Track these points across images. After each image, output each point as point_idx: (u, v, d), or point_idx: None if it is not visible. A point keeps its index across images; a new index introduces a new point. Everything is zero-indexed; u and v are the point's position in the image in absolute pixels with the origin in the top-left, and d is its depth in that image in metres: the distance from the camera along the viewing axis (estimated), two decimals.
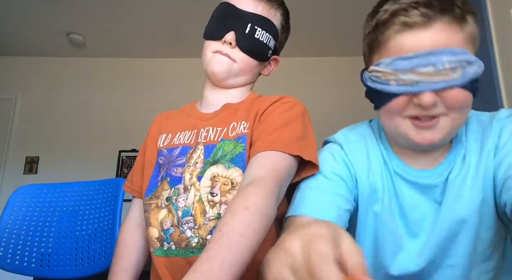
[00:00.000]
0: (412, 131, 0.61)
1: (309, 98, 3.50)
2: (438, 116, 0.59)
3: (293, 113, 0.75)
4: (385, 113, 0.63)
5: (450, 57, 0.55)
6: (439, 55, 0.55)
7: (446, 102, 0.57)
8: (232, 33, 0.79)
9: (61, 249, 1.08)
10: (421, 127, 0.60)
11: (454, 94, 0.57)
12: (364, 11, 0.69)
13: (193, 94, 4.06)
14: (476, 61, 0.57)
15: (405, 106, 0.59)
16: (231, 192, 0.70)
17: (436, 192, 0.65)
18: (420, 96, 0.56)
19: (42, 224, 1.13)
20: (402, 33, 0.58)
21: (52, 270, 1.06)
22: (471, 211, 0.63)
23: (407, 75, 0.57)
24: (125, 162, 3.41)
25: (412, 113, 0.59)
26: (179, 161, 0.77)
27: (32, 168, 3.36)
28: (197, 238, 0.69)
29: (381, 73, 0.60)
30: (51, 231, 1.12)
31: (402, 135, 0.63)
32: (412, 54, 0.56)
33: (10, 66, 3.60)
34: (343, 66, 3.55)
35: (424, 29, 0.57)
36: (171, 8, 2.94)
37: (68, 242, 1.09)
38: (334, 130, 0.79)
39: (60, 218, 1.14)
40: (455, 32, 0.57)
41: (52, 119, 3.49)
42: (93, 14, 3.00)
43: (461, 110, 0.60)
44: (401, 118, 0.61)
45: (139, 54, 3.63)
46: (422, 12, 0.56)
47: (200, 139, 0.77)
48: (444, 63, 0.55)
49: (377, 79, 0.61)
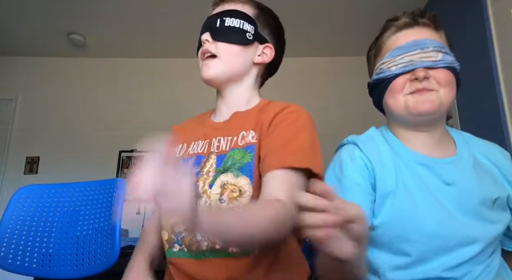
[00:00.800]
0: (412, 102, 0.76)
1: (309, 98, 3.51)
2: (431, 90, 0.75)
3: (300, 124, 0.76)
4: (390, 94, 0.79)
5: (433, 43, 0.75)
6: (424, 42, 0.76)
7: (436, 79, 0.75)
8: (207, 33, 0.84)
9: (62, 250, 1.09)
10: (420, 96, 0.75)
11: (442, 72, 0.75)
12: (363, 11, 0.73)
13: (193, 94, 4.06)
14: (453, 56, 0.76)
15: (405, 84, 0.76)
16: (238, 199, 0.73)
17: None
18: (415, 72, 0.74)
19: (43, 225, 1.13)
20: (395, 33, 0.80)
21: (53, 270, 1.06)
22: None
23: (403, 58, 0.76)
24: (125, 162, 3.41)
25: (410, 89, 0.76)
26: (194, 170, 0.79)
27: (32, 168, 3.36)
28: (207, 242, 0.72)
29: (384, 64, 0.79)
30: (52, 231, 1.12)
31: (404, 108, 0.77)
32: (404, 43, 0.77)
33: (11, 66, 3.60)
34: (343, 66, 3.55)
35: (411, 28, 0.79)
36: (171, 8, 2.94)
37: (68, 242, 1.09)
38: (335, 130, 0.80)
39: (61, 218, 1.14)
40: (434, 32, 0.79)
41: (52, 119, 3.49)
42: (94, 14, 3.00)
43: (447, 86, 0.76)
44: (403, 96, 0.77)
45: (139, 54, 3.63)
46: (407, 16, 0.79)
47: (212, 148, 0.80)
48: (429, 46, 0.75)
49: (381, 71, 0.79)
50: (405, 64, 0.75)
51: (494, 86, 2.00)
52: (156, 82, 3.63)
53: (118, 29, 3.22)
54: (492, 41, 2.05)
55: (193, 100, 3.41)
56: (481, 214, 0.73)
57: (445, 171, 0.76)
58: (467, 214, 0.72)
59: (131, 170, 0.98)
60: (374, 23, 1.06)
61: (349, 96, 3.38)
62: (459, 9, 2.37)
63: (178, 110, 3.36)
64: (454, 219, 0.71)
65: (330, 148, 1.03)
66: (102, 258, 1.02)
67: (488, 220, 0.73)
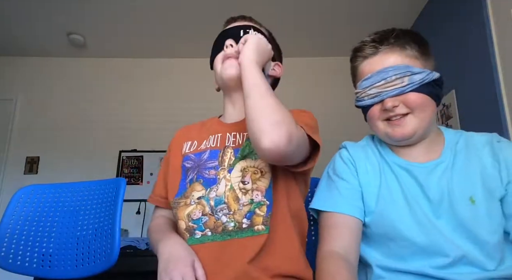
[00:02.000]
0: (389, 129, 0.80)
1: (310, 98, 3.51)
2: (405, 115, 0.78)
3: (312, 121, 0.86)
4: (369, 121, 0.85)
5: (396, 71, 0.77)
6: (386, 72, 0.78)
7: (406, 104, 0.78)
8: (230, 39, 0.92)
9: (62, 250, 1.08)
10: (393, 125, 0.79)
11: (410, 96, 0.77)
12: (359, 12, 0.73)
13: (193, 94, 4.07)
14: (422, 71, 0.77)
15: (379, 113, 0.81)
16: (261, 179, 0.79)
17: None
18: (384, 102, 0.79)
19: (43, 225, 1.13)
20: (362, 63, 0.84)
21: (53, 270, 1.06)
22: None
23: (371, 90, 0.80)
24: (125, 162, 3.41)
25: (384, 116, 0.80)
26: (211, 164, 0.85)
27: (32, 168, 3.36)
28: (233, 222, 0.77)
29: (358, 93, 0.84)
30: (52, 231, 1.12)
31: (384, 134, 0.82)
32: (369, 75, 0.80)
33: (11, 66, 3.60)
34: (342, 67, 3.54)
35: (374, 56, 0.81)
36: (171, 8, 2.94)
37: (69, 242, 1.09)
38: (335, 130, 0.82)
39: (61, 218, 1.14)
40: (398, 54, 0.80)
41: (52, 119, 3.49)
42: (93, 14, 3.00)
43: (421, 108, 0.78)
44: (380, 122, 0.82)
45: (139, 54, 3.63)
46: (371, 46, 0.82)
47: (228, 143, 0.86)
48: (391, 76, 0.77)
49: (358, 99, 0.85)
50: (373, 95, 0.80)
51: (494, 86, 2.00)
52: (156, 82, 3.63)
53: (118, 29, 3.22)
54: (492, 41, 2.05)
55: (193, 100, 3.42)
56: (458, 216, 0.74)
57: (421, 174, 0.79)
58: (442, 217, 0.75)
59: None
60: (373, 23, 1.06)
61: (349, 96, 3.38)
62: (459, 9, 2.37)
63: (178, 110, 3.37)
64: (430, 223, 0.75)
65: (330, 148, 1.04)
66: (102, 258, 1.02)
67: (469, 224, 0.73)
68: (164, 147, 1.00)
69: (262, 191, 0.79)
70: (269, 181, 0.80)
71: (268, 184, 0.79)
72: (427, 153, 0.82)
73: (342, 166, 0.86)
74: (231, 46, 0.89)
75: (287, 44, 1.17)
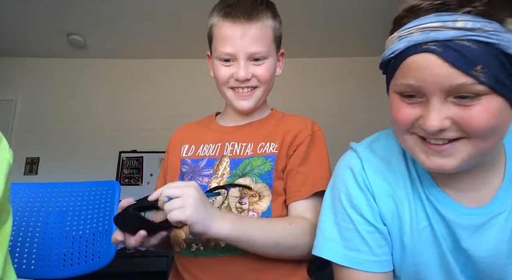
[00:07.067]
0: (421, 154, 0.52)
1: (310, 98, 3.50)
2: (455, 140, 0.49)
3: (321, 147, 0.84)
4: (392, 124, 0.57)
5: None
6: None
7: (461, 126, 0.48)
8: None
9: (55, 250, 1.08)
10: (431, 150, 0.51)
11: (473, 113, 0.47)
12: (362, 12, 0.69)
13: (193, 94, 4.06)
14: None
15: (409, 123, 0.52)
16: (258, 202, 0.78)
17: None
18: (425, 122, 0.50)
19: (40, 225, 1.12)
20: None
21: (52, 269, 1.06)
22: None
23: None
24: (125, 163, 3.41)
25: (416, 132, 0.52)
26: (206, 172, 0.84)
27: (32, 169, 3.36)
28: None
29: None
30: (51, 231, 1.11)
31: (414, 155, 0.55)
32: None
33: (11, 67, 3.60)
34: (343, 66, 3.54)
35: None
36: (171, 8, 2.94)
37: (62, 241, 1.09)
38: (335, 130, 0.80)
39: (59, 217, 1.13)
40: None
41: (52, 120, 3.49)
42: (93, 15, 3.00)
43: (487, 133, 0.48)
44: (409, 135, 0.54)
45: (139, 55, 3.63)
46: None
47: (226, 152, 0.85)
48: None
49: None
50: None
51: None
52: (156, 83, 3.63)
53: (118, 30, 3.22)
54: None
55: (192, 101, 3.41)
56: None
57: (466, 232, 0.55)
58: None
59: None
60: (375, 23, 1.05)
61: (349, 97, 3.37)
62: None
63: (177, 111, 3.36)
64: None
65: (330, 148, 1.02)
66: (95, 258, 1.01)
67: None
68: (164, 148, 0.98)
69: (259, 213, 0.78)
70: (267, 205, 0.78)
71: (266, 208, 0.78)
72: (474, 189, 0.56)
73: (358, 196, 0.62)
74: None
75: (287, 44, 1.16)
